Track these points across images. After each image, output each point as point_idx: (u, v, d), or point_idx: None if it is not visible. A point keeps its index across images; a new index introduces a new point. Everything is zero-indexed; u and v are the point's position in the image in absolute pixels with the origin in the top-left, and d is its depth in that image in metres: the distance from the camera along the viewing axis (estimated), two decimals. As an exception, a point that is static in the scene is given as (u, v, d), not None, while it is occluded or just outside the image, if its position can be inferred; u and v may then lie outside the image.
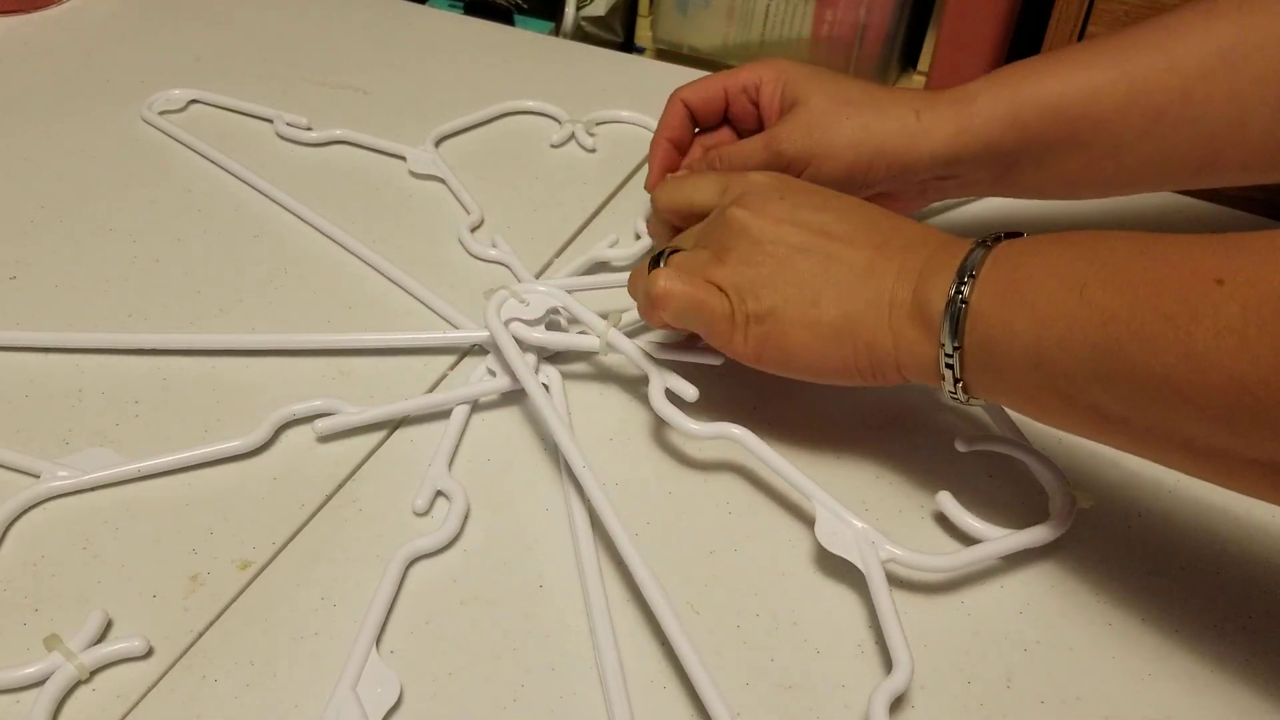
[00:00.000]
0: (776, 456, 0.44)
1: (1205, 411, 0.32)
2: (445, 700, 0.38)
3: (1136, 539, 0.44)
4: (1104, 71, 0.47)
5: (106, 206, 0.60)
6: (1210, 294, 0.31)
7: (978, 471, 0.47)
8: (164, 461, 0.45)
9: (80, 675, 0.37)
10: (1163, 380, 0.32)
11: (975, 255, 0.39)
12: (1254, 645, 0.41)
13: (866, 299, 0.41)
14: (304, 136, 0.66)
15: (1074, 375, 0.35)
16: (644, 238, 0.58)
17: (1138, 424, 0.35)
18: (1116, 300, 0.34)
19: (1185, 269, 0.32)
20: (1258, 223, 0.63)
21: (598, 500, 0.42)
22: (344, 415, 0.47)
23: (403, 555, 0.42)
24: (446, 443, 0.47)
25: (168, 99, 0.69)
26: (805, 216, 0.43)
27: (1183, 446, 0.34)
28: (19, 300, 0.53)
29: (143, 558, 0.42)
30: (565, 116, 0.69)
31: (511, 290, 0.50)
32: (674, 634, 0.38)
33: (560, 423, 0.45)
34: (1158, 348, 0.32)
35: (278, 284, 0.56)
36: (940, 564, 0.41)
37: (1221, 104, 0.46)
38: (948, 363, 0.39)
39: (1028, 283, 0.36)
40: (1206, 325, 0.31)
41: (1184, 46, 0.46)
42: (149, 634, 0.39)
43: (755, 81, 0.53)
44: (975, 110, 0.48)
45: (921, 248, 0.41)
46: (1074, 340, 0.35)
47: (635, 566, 0.40)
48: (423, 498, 0.44)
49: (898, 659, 0.38)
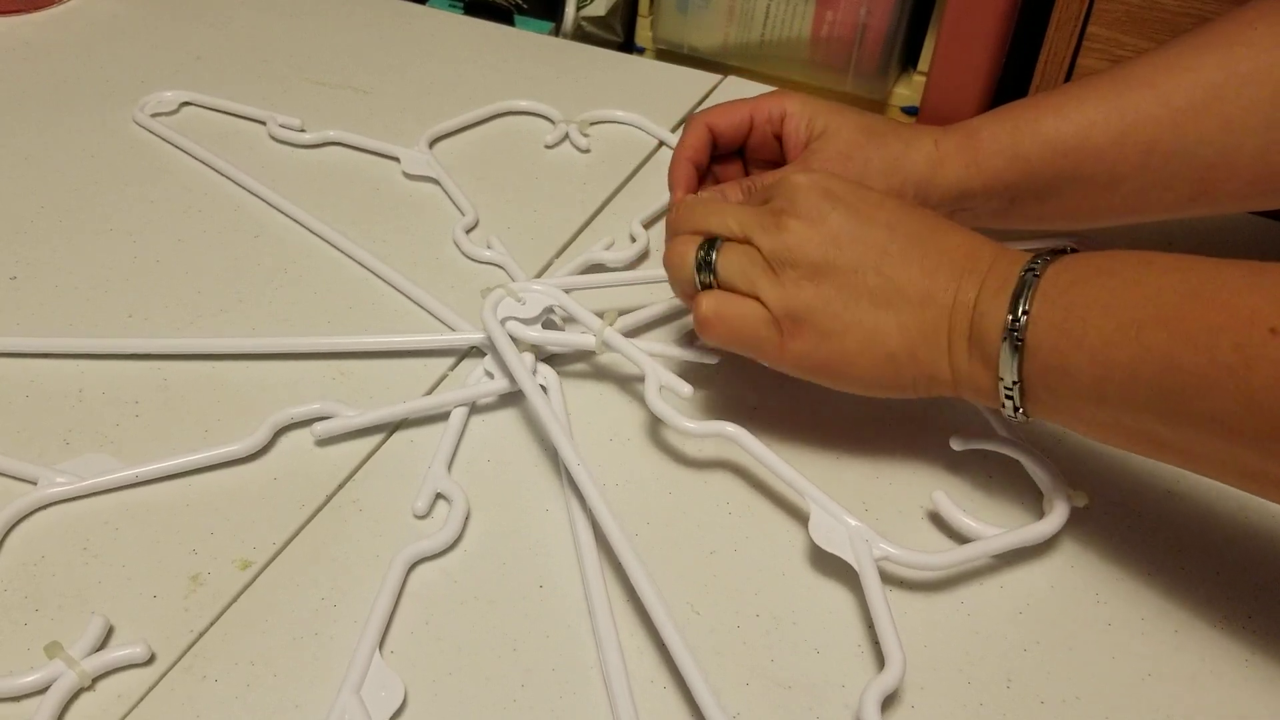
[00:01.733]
0: (771, 455, 0.44)
1: (1263, 448, 0.34)
2: (445, 701, 0.38)
3: (1136, 539, 0.44)
4: (1098, 108, 0.48)
5: (106, 206, 0.60)
6: (1266, 344, 0.33)
7: (980, 470, 0.47)
8: (161, 467, 0.45)
9: (82, 682, 0.37)
10: (1222, 422, 0.34)
11: (1027, 283, 0.39)
12: (1254, 645, 0.41)
13: (923, 330, 0.42)
14: (297, 138, 0.66)
15: (1134, 411, 0.37)
16: (640, 240, 0.58)
17: (1197, 453, 0.37)
18: (1174, 346, 0.35)
19: (1239, 316, 0.34)
20: (1255, 225, 0.63)
21: (593, 499, 0.42)
22: (342, 419, 0.47)
23: (404, 558, 0.42)
24: (446, 445, 0.47)
25: (160, 101, 0.69)
26: (861, 232, 0.42)
27: (1243, 475, 0.36)
28: (20, 300, 0.54)
29: (143, 558, 0.42)
30: (559, 117, 0.69)
31: (508, 289, 0.50)
32: (669, 634, 0.38)
33: (556, 421, 0.45)
34: (1216, 395, 0.34)
35: (277, 284, 0.56)
36: (933, 562, 0.41)
37: (1211, 135, 0.47)
38: (1007, 394, 0.40)
39: (1081, 322, 0.37)
40: (1263, 373, 0.33)
41: (1172, 82, 0.48)
42: (149, 634, 0.39)
43: (780, 112, 0.52)
44: (980, 144, 0.49)
45: (973, 272, 0.41)
46: (1133, 383, 0.36)
47: (631, 568, 0.40)
48: (423, 500, 0.44)
49: (890, 656, 0.38)
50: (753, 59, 1.26)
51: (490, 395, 0.49)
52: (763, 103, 0.53)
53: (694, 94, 0.73)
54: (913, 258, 0.42)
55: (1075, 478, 0.46)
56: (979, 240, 0.43)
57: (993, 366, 0.40)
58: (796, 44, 1.24)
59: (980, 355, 0.40)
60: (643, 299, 0.53)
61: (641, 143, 0.68)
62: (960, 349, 0.41)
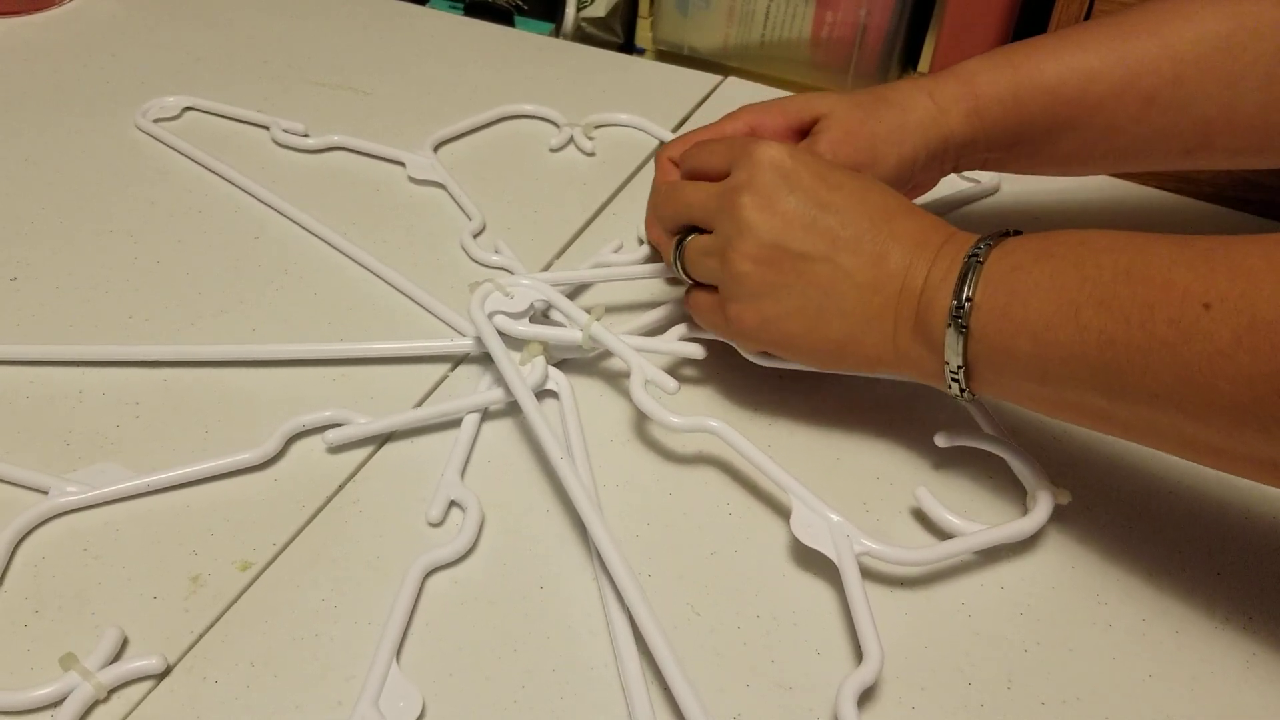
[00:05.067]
0: (754, 450, 0.44)
1: (1203, 420, 0.34)
2: (446, 702, 0.38)
3: (1137, 539, 0.44)
4: (1100, 56, 0.48)
5: (107, 208, 0.60)
6: (1200, 319, 0.33)
7: (977, 465, 0.46)
8: (173, 475, 0.44)
9: (98, 695, 0.37)
10: (1162, 395, 0.35)
11: (971, 268, 0.40)
12: (1254, 646, 0.41)
13: (867, 316, 0.43)
14: (301, 143, 0.66)
15: (1076, 388, 0.37)
16: (648, 243, 0.58)
17: (1139, 425, 0.37)
18: (1111, 324, 0.36)
19: (1172, 292, 0.34)
20: (1261, 224, 0.63)
21: (577, 497, 0.42)
22: (355, 426, 0.47)
23: (420, 566, 0.41)
24: (459, 451, 0.46)
25: (162, 106, 0.68)
26: (812, 216, 0.43)
27: (1183, 444, 0.36)
28: (20, 301, 0.54)
29: (143, 559, 0.42)
30: (563, 120, 0.69)
31: (496, 284, 0.50)
32: (653, 637, 0.38)
33: (540, 416, 0.45)
34: (1155, 369, 0.34)
35: (278, 285, 0.56)
36: (914, 557, 0.41)
37: (1214, 89, 0.47)
38: (953, 376, 0.41)
39: (1023, 306, 0.38)
40: (1199, 348, 0.33)
41: (1177, 33, 0.47)
42: (149, 635, 0.39)
43: (744, 130, 0.51)
44: (979, 90, 0.49)
45: (921, 259, 0.42)
46: (1074, 361, 0.37)
47: (617, 571, 0.40)
48: (436, 508, 0.44)
49: (868, 650, 0.38)
50: (753, 60, 1.26)
51: (502, 402, 0.49)
52: (722, 128, 0.52)
53: (694, 95, 0.73)
54: (863, 244, 0.43)
55: (1073, 477, 0.46)
56: (929, 224, 0.43)
57: (938, 350, 0.41)
58: (797, 45, 1.24)
59: (925, 340, 0.41)
60: (638, 294, 0.53)
61: (643, 144, 0.68)
62: (905, 333, 0.42)
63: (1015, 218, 0.62)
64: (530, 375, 0.48)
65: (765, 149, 0.44)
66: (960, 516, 0.43)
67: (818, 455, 0.47)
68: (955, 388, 0.41)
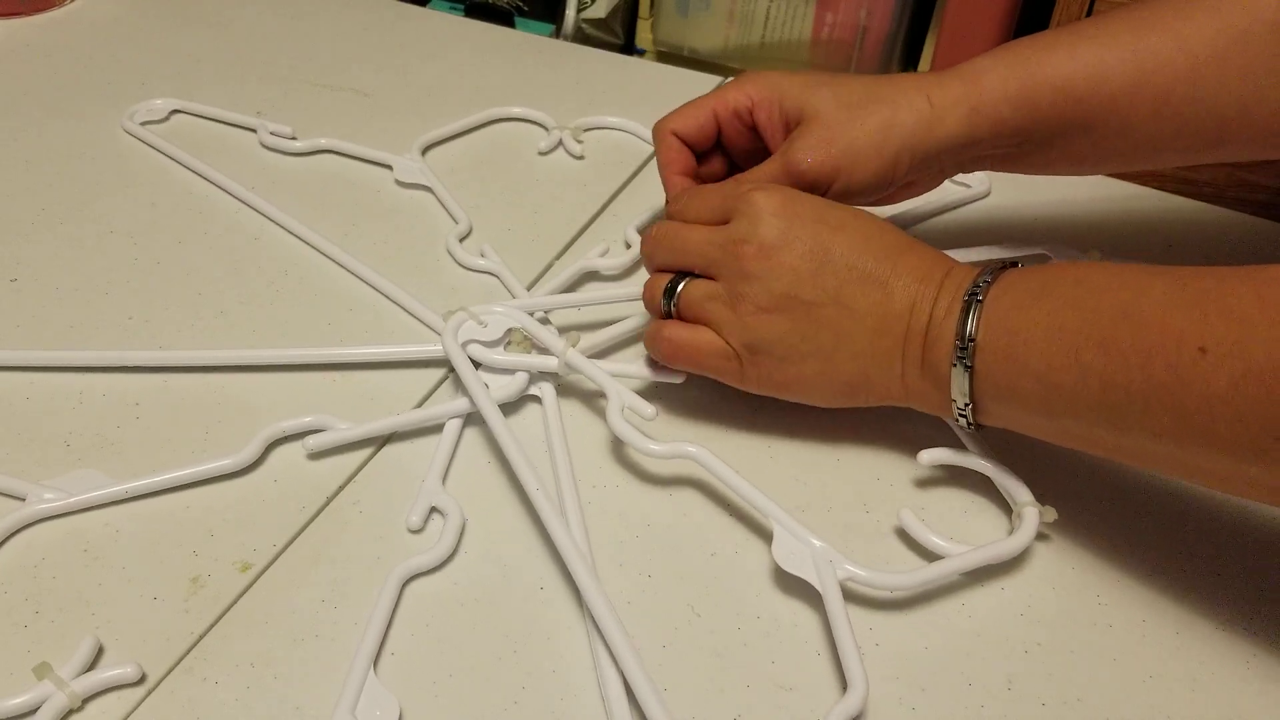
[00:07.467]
0: (734, 475, 0.43)
1: (1205, 456, 0.36)
2: (446, 703, 0.38)
3: (1137, 541, 0.44)
4: (1113, 51, 0.46)
5: (107, 209, 0.60)
6: (1196, 364, 0.34)
7: (965, 477, 0.46)
8: (150, 482, 0.44)
9: (72, 704, 0.37)
10: (1164, 434, 0.36)
11: (971, 307, 0.41)
12: (1255, 646, 0.41)
13: (877, 357, 0.43)
14: (288, 146, 0.65)
15: (1082, 423, 0.39)
16: (635, 246, 0.57)
17: (1146, 456, 0.38)
18: (1111, 367, 0.37)
19: (1168, 336, 0.35)
20: (1261, 224, 0.63)
21: (548, 518, 0.42)
22: (334, 432, 0.46)
23: (398, 574, 0.41)
24: (440, 457, 0.46)
25: (149, 109, 0.68)
26: (820, 262, 0.43)
27: (1190, 473, 0.38)
28: (20, 303, 0.54)
29: (143, 560, 0.42)
30: (552, 123, 0.68)
31: (470, 312, 0.50)
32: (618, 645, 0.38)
33: (513, 440, 0.45)
34: (1155, 411, 0.36)
35: (277, 287, 0.56)
36: (898, 582, 0.41)
37: (1231, 85, 0.46)
38: (960, 413, 0.42)
39: (1025, 346, 0.39)
40: (1196, 393, 0.34)
41: (1193, 27, 0.46)
42: (149, 636, 0.39)
43: (746, 104, 0.51)
44: (984, 89, 0.47)
45: (925, 296, 0.43)
46: (1078, 401, 0.38)
47: (587, 589, 0.40)
48: (416, 515, 0.44)
49: (853, 681, 0.37)
50: (753, 61, 1.26)
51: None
52: (724, 96, 0.51)
53: (694, 96, 0.72)
54: (871, 286, 0.43)
55: (1074, 481, 0.46)
56: (932, 259, 0.44)
57: (944, 387, 0.42)
58: (797, 46, 1.24)
59: (932, 377, 0.43)
60: (616, 316, 0.52)
61: (636, 147, 0.68)
62: (913, 372, 0.43)
63: (1007, 221, 0.61)
64: (513, 384, 0.48)
65: (763, 198, 0.44)
66: (945, 538, 0.42)
67: (802, 472, 0.47)
68: (963, 421, 0.42)
